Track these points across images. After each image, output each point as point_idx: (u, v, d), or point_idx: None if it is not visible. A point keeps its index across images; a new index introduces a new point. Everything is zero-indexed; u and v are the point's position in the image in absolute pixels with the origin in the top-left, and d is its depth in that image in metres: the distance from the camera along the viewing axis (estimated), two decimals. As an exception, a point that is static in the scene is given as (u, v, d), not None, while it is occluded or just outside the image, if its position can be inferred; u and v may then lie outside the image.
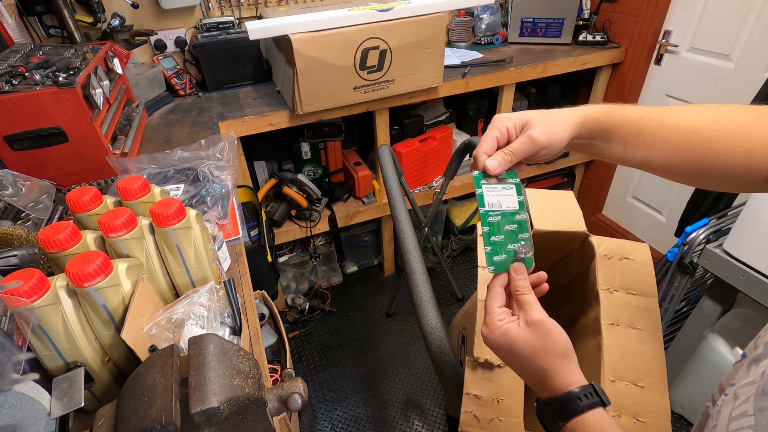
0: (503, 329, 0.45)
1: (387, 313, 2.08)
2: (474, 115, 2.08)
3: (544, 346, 0.43)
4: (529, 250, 0.50)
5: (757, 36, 1.53)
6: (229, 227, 0.96)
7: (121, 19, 1.50)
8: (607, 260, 0.83)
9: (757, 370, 0.38)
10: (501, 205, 0.50)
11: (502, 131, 0.50)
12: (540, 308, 0.45)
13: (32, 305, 0.50)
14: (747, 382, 0.38)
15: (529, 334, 0.44)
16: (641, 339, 0.75)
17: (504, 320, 0.46)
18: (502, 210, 0.50)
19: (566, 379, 0.42)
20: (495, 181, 0.50)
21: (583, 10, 1.99)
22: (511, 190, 0.51)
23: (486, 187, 0.50)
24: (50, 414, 0.50)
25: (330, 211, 1.88)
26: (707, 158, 0.47)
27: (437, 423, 1.63)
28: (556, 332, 0.44)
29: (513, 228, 0.50)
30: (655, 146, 0.49)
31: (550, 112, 0.51)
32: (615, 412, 0.71)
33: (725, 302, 1.27)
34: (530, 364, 0.44)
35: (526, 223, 0.51)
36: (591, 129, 0.51)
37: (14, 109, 0.94)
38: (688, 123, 0.47)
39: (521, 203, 0.51)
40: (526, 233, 0.51)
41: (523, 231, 0.51)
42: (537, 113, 0.51)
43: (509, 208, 0.50)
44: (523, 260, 0.50)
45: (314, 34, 1.31)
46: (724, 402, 0.39)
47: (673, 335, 1.46)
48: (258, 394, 0.47)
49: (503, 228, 0.50)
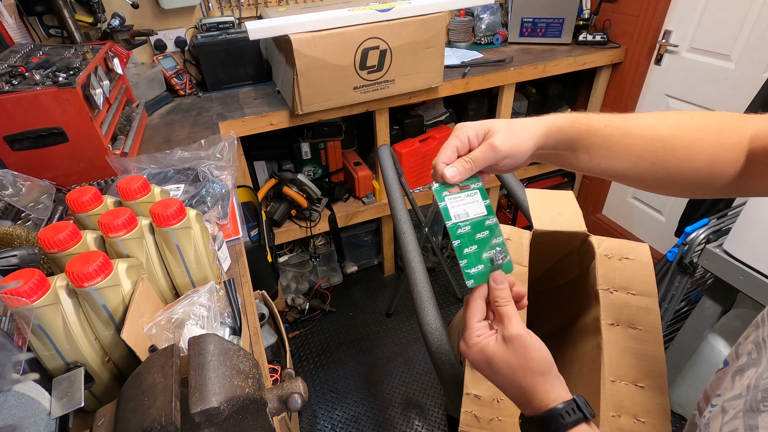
0: (480, 345, 0.44)
1: (387, 313, 2.08)
2: (474, 115, 2.08)
3: (522, 362, 0.42)
4: (506, 255, 0.48)
5: (757, 36, 1.53)
6: (229, 227, 0.96)
7: (121, 19, 1.50)
8: (607, 260, 0.83)
9: (742, 382, 0.37)
10: (468, 214, 0.48)
11: (463, 140, 0.48)
12: (518, 321, 0.43)
13: (32, 305, 0.50)
14: (734, 395, 0.37)
15: (506, 351, 0.42)
16: (641, 339, 0.75)
17: (482, 335, 0.44)
18: (470, 219, 0.48)
19: (547, 396, 0.41)
20: (457, 190, 0.48)
21: (583, 10, 1.99)
22: (475, 195, 0.49)
23: (449, 199, 0.48)
24: (50, 414, 0.50)
25: (330, 211, 1.88)
26: (671, 165, 0.46)
27: (437, 423, 1.63)
28: (534, 348, 0.42)
29: (485, 235, 0.48)
30: (620, 155, 0.48)
31: (515, 120, 0.50)
32: (615, 412, 0.71)
33: (725, 302, 1.27)
34: (510, 382, 0.43)
35: (497, 227, 0.49)
36: (556, 138, 0.50)
37: (14, 109, 0.94)
38: (651, 131, 0.47)
39: (488, 207, 0.49)
40: (500, 237, 0.49)
41: (495, 236, 0.49)
42: (500, 122, 0.49)
43: (477, 215, 0.48)
44: (501, 267, 0.48)
45: (314, 34, 1.31)
46: (712, 415, 0.39)
47: (673, 335, 1.46)
48: (258, 394, 0.47)
49: (475, 237, 0.48)
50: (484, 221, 0.48)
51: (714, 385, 0.42)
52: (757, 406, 0.33)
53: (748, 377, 0.37)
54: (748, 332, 0.41)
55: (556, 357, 0.45)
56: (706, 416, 0.40)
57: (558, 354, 0.99)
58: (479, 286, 0.47)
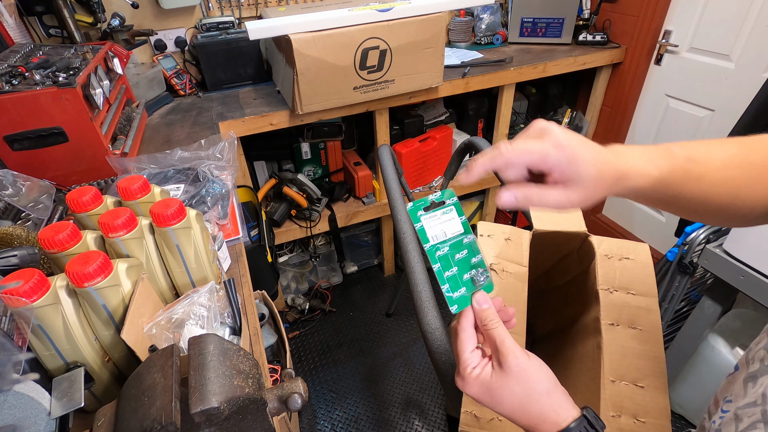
0: (479, 380, 0.42)
1: (387, 313, 2.08)
2: (474, 115, 2.08)
3: (525, 388, 0.40)
4: (486, 275, 0.46)
5: (757, 36, 1.53)
6: (229, 227, 0.96)
7: (121, 19, 1.50)
8: (607, 260, 0.83)
9: (756, 389, 0.37)
10: (446, 234, 0.45)
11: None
12: (512, 344, 0.41)
13: (32, 305, 0.50)
14: (747, 402, 0.37)
15: (506, 380, 0.41)
16: (641, 339, 0.75)
17: (478, 366, 0.42)
18: (448, 239, 0.45)
19: (557, 417, 0.40)
20: (432, 208, 0.46)
21: (583, 10, 1.99)
22: (451, 212, 0.46)
23: (425, 219, 0.45)
24: (50, 414, 0.50)
25: (330, 211, 1.88)
26: (734, 207, 0.44)
27: (437, 423, 1.63)
28: (534, 369, 0.41)
29: (464, 255, 0.46)
30: (685, 202, 0.44)
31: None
32: (615, 412, 0.71)
33: (725, 302, 1.27)
34: (516, 410, 0.41)
35: (475, 244, 0.47)
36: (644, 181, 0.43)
37: (14, 109, 0.93)
38: (722, 174, 0.42)
39: (464, 224, 0.46)
40: (478, 255, 0.46)
41: (474, 254, 0.46)
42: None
43: (454, 233, 0.46)
44: (483, 287, 0.46)
45: (314, 34, 1.31)
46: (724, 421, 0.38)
47: (673, 335, 1.46)
48: (258, 394, 0.47)
49: (455, 258, 0.45)
50: (461, 240, 0.46)
51: (724, 390, 0.42)
52: None
53: (762, 384, 0.36)
54: (759, 338, 0.40)
55: (556, 357, 0.45)
56: (716, 422, 0.39)
57: (558, 354, 0.99)
58: (464, 311, 0.45)
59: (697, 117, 1.81)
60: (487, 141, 1.26)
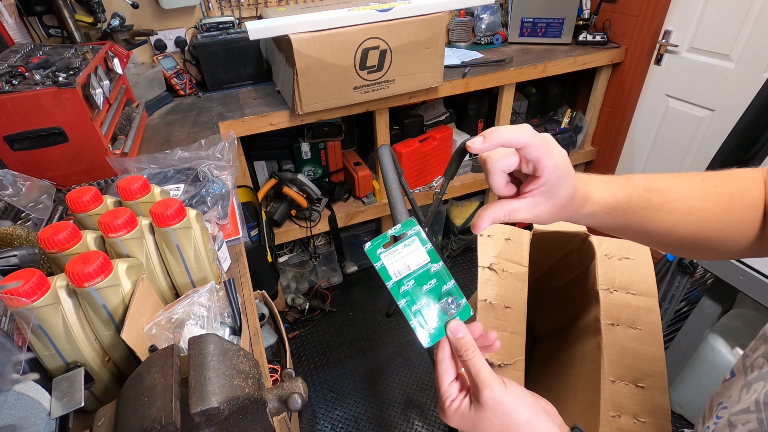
0: (459, 413, 0.41)
1: (387, 313, 2.08)
2: (474, 115, 2.08)
3: (503, 421, 0.40)
4: (459, 302, 0.44)
5: (757, 36, 1.53)
6: (229, 227, 0.96)
7: (121, 19, 1.50)
8: (607, 260, 0.83)
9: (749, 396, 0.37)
10: (409, 267, 0.43)
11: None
12: (487, 374, 0.40)
13: (32, 305, 0.50)
14: (741, 408, 0.37)
15: (483, 414, 0.40)
16: (641, 339, 0.75)
17: (456, 400, 0.42)
18: (412, 272, 0.43)
19: None
20: (392, 242, 0.43)
21: (583, 10, 1.99)
22: (414, 243, 0.44)
23: (385, 256, 0.43)
24: (50, 414, 0.50)
25: (330, 211, 1.88)
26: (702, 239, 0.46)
27: (437, 423, 1.63)
28: (510, 401, 0.40)
29: (433, 284, 0.44)
30: (651, 233, 0.47)
31: None
32: (615, 412, 0.71)
33: (725, 302, 1.27)
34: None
35: (444, 270, 0.44)
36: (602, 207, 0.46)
37: (14, 109, 0.93)
38: (685, 205, 0.45)
39: (431, 252, 0.44)
40: (450, 281, 0.44)
41: (444, 281, 0.44)
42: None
43: (419, 264, 0.44)
44: (456, 316, 0.44)
45: (314, 34, 1.31)
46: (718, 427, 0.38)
47: (673, 335, 1.46)
48: (258, 394, 0.47)
49: (422, 290, 0.43)
50: (428, 270, 0.44)
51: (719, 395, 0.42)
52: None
53: (755, 391, 0.36)
54: (755, 345, 0.40)
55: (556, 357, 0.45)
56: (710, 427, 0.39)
57: (558, 354, 0.99)
58: (440, 342, 0.43)
59: (697, 117, 1.81)
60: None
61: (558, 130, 2.20)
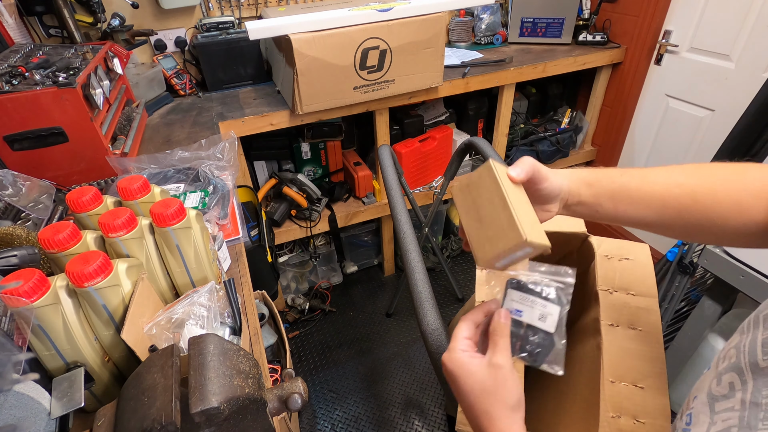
0: (462, 360, 0.44)
1: (387, 313, 2.08)
2: (474, 115, 2.08)
3: (496, 390, 0.42)
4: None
5: (757, 36, 1.53)
6: (229, 227, 0.96)
7: (121, 19, 1.50)
8: (606, 261, 0.83)
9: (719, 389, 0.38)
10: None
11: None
12: (508, 356, 0.44)
13: (32, 305, 0.50)
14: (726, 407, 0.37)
15: (486, 375, 0.43)
16: (641, 339, 0.75)
17: (466, 352, 0.45)
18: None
19: (505, 429, 0.41)
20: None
21: (583, 10, 1.99)
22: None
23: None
24: (50, 414, 0.50)
25: (330, 211, 1.88)
26: (697, 212, 0.46)
27: (437, 423, 1.63)
28: (513, 382, 0.43)
29: None
30: (644, 202, 0.48)
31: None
32: (615, 412, 0.71)
33: (725, 302, 1.27)
34: (476, 402, 0.43)
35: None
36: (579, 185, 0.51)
37: (14, 109, 0.94)
38: (666, 176, 0.48)
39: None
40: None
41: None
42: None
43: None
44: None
45: (314, 34, 1.31)
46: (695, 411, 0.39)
47: (673, 335, 1.46)
48: (258, 394, 0.47)
49: None
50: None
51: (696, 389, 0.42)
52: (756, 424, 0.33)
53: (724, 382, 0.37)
54: (733, 337, 0.41)
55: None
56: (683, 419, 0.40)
57: (558, 354, 0.99)
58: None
59: (697, 117, 1.81)
60: (487, 141, 1.26)
61: (558, 130, 2.20)
